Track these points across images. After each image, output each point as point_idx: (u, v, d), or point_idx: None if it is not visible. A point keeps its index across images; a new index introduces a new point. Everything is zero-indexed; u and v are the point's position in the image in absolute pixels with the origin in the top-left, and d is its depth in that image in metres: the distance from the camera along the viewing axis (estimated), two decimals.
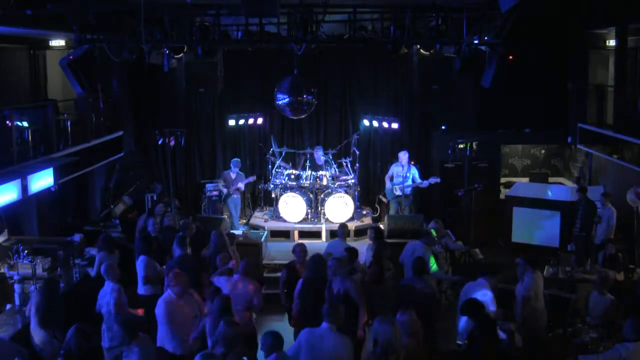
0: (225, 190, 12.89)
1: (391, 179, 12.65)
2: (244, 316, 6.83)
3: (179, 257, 7.98)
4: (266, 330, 5.63)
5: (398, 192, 12.54)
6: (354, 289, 6.79)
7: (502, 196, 13.43)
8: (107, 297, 6.98)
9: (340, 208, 12.53)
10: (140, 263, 7.93)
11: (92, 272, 8.49)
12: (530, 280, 7.47)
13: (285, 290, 7.82)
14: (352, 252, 7.94)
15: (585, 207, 10.85)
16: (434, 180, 12.38)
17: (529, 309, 7.39)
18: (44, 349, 6.80)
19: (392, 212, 12.77)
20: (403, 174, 12.48)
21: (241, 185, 13.03)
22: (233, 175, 12.95)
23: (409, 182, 12.45)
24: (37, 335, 6.84)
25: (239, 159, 13.22)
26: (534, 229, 12.17)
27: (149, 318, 7.40)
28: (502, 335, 6.29)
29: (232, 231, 11.85)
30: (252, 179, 13.42)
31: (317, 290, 7.00)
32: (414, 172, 12.52)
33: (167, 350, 6.32)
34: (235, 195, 12.96)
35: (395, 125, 13.17)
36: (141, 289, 7.96)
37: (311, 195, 12.77)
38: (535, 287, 7.48)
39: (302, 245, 8.04)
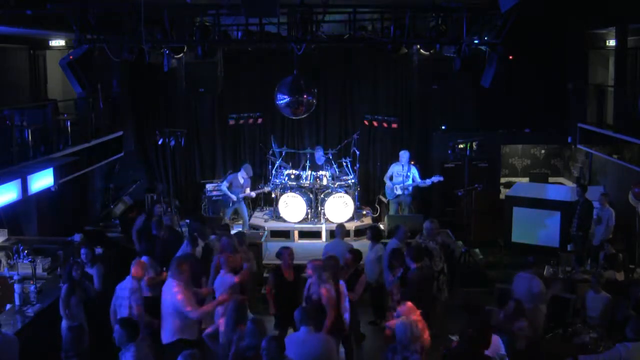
0: (233, 196, 12.45)
1: (390, 178, 12.65)
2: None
3: (185, 255, 7.96)
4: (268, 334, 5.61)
5: (399, 192, 12.54)
6: (325, 297, 6.76)
7: (502, 196, 13.43)
8: (126, 292, 6.97)
9: (340, 208, 12.53)
10: None
11: (97, 285, 8.17)
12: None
13: (273, 291, 7.76)
14: (356, 254, 7.91)
15: (583, 206, 10.86)
16: (436, 179, 12.40)
17: None
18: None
19: (391, 212, 12.77)
20: (403, 173, 12.49)
21: (253, 193, 12.89)
22: (242, 181, 12.63)
23: (409, 181, 12.45)
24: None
25: (250, 166, 12.89)
26: (534, 229, 12.16)
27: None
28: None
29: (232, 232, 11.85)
30: (267, 189, 13.11)
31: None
32: (414, 171, 12.53)
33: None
34: (242, 202, 12.79)
35: (395, 125, 13.17)
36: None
37: (311, 195, 12.76)
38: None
39: (289, 248, 7.92)
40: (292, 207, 12.58)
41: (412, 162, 12.83)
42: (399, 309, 6.07)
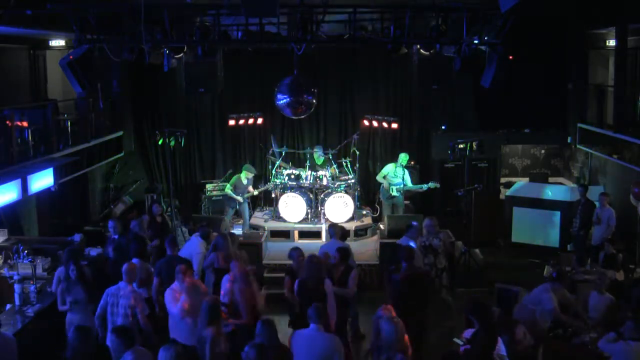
0: (240, 198, 12.45)
1: (384, 178, 12.65)
2: None
3: (168, 258, 7.96)
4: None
5: (395, 193, 12.54)
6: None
7: (502, 196, 13.43)
8: (126, 299, 6.91)
9: (340, 208, 12.52)
10: None
11: (53, 287, 7.98)
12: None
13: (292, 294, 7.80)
14: (344, 251, 7.94)
15: (584, 206, 10.86)
16: (432, 184, 12.44)
17: None
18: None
19: (386, 212, 12.74)
20: (400, 175, 12.50)
21: (255, 191, 12.97)
22: (245, 182, 12.64)
23: (401, 185, 12.48)
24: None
25: (250, 165, 12.90)
26: (534, 229, 12.17)
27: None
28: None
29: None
30: (270, 186, 13.08)
31: (312, 290, 7.03)
32: (407, 176, 12.53)
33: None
34: (246, 202, 12.80)
35: (395, 125, 13.18)
36: None
37: (311, 195, 12.76)
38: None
39: (299, 249, 7.94)
40: (292, 207, 12.58)
41: (412, 162, 12.83)
42: (379, 310, 6.11)
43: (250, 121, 13.69)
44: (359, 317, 8.76)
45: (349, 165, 13.00)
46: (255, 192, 12.99)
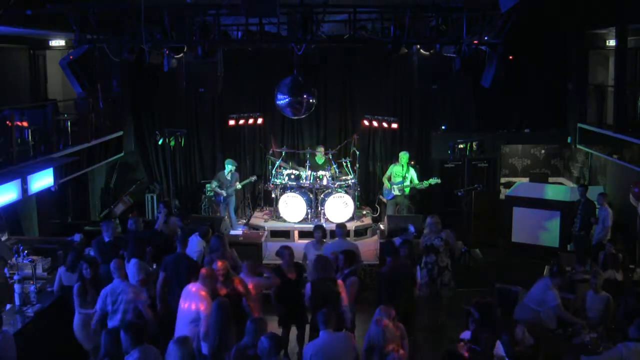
0: (223, 192, 12.64)
1: (389, 179, 12.66)
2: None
3: (176, 255, 7.96)
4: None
5: (396, 192, 12.54)
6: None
7: (502, 196, 13.44)
8: (125, 295, 6.92)
9: (340, 208, 12.53)
10: (132, 266, 7.78)
11: (55, 288, 8.12)
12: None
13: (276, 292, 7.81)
14: (349, 255, 7.93)
15: (584, 206, 10.87)
16: (434, 181, 12.41)
17: None
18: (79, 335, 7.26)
19: (389, 212, 12.77)
20: (402, 174, 12.49)
21: (239, 185, 12.98)
22: (229, 177, 12.78)
23: (407, 182, 12.47)
24: (75, 321, 7.26)
25: (232, 160, 13.03)
26: (534, 229, 12.17)
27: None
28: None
29: (231, 232, 11.86)
30: (253, 179, 13.31)
31: (325, 292, 7.01)
32: (412, 173, 12.52)
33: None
34: (232, 197, 12.89)
35: (395, 125, 13.18)
36: None
37: (311, 195, 12.77)
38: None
39: (289, 248, 7.90)
40: (292, 207, 12.58)
41: (412, 163, 12.83)
42: (377, 311, 6.12)
43: (250, 121, 13.71)
44: (356, 316, 8.74)
45: (349, 165, 13.01)
46: (239, 186, 12.98)
